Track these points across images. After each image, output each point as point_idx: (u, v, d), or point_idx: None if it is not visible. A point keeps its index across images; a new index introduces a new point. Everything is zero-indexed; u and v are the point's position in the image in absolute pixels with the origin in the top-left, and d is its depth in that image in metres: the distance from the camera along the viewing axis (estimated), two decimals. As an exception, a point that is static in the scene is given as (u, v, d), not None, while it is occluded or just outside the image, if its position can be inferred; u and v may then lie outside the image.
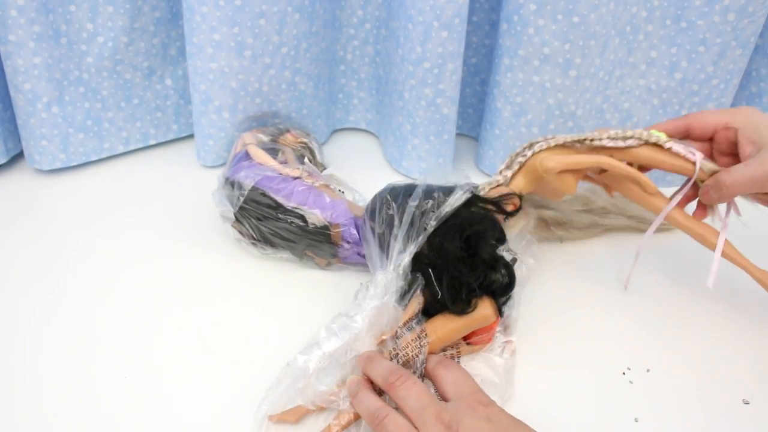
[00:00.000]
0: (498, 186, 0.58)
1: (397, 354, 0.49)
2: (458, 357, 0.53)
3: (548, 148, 0.57)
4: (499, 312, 0.54)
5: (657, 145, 0.56)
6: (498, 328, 0.55)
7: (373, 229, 0.56)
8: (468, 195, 0.55)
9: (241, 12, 0.67)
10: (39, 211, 0.72)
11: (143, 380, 0.52)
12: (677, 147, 0.56)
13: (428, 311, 0.53)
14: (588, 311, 0.60)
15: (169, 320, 0.58)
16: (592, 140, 0.57)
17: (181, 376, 0.53)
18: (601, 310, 0.61)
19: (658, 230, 0.71)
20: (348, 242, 0.61)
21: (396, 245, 0.53)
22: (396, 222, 0.54)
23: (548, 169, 0.56)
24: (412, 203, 0.54)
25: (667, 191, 0.60)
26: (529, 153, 0.58)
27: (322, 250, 0.62)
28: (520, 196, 0.58)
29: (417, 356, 0.49)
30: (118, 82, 0.77)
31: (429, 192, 0.55)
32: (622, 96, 0.74)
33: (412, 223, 0.53)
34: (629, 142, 0.56)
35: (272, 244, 0.63)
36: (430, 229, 0.53)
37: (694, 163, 0.56)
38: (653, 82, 0.73)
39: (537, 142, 0.58)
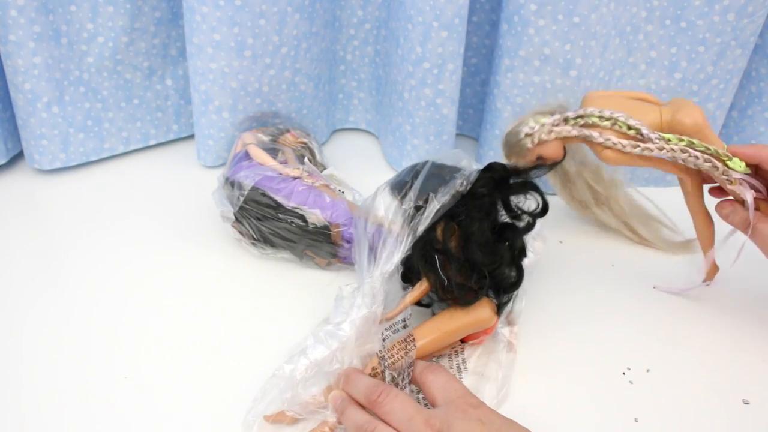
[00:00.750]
0: (547, 139, 0.56)
1: (383, 356, 0.49)
2: (462, 352, 0.53)
3: (614, 150, 0.55)
4: (498, 311, 0.54)
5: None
6: (500, 323, 0.55)
7: (366, 228, 0.55)
8: (457, 189, 0.52)
9: (241, 12, 0.67)
10: (39, 211, 0.72)
11: (142, 380, 0.52)
12: (738, 188, 0.54)
13: (430, 303, 0.53)
14: (588, 311, 0.60)
15: (169, 320, 0.58)
16: (666, 153, 0.55)
17: (182, 376, 0.53)
18: (601, 309, 0.61)
19: (647, 245, 0.70)
20: (348, 242, 0.61)
21: (384, 250, 0.52)
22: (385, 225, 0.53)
23: (606, 162, 0.56)
24: (405, 207, 0.53)
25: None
26: (597, 137, 0.55)
27: (322, 250, 0.62)
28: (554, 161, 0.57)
29: (402, 358, 0.49)
30: (118, 82, 0.77)
31: (424, 189, 0.53)
32: (622, 96, 0.74)
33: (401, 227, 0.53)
34: (705, 167, 0.54)
35: (272, 244, 0.63)
36: (419, 234, 0.52)
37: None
38: (653, 82, 0.73)
39: (605, 120, 0.55)
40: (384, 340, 0.50)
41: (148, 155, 0.82)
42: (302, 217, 0.61)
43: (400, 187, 0.55)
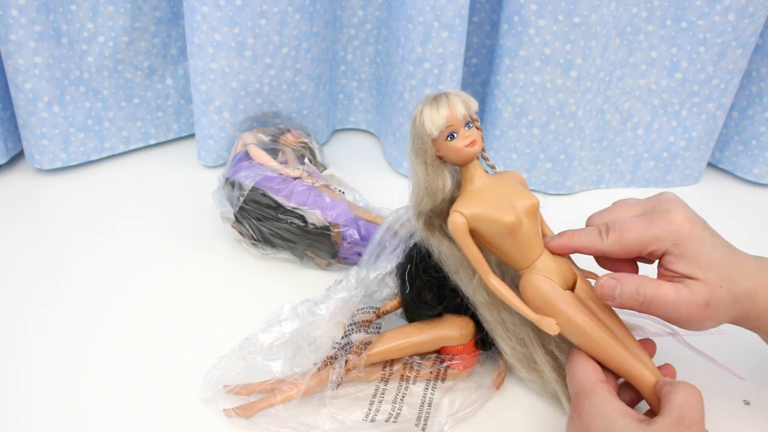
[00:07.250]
0: None
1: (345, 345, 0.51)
2: (443, 379, 0.53)
3: None
4: (481, 343, 0.52)
5: None
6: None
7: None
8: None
9: (241, 12, 0.67)
10: (39, 211, 0.72)
11: (142, 380, 0.52)
12: None
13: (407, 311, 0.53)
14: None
15: (168, 320, 0.58)
16: None
17: (181, 376, 0.53)
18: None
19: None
20: (348, 242, 0.61)
21: (384, 254, 0.53)
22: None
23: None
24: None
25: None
26: None
27: (322, 251, 0.62)
28: None
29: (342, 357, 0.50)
30: (118, 81, 0.77)
31: None
32: (623, 96, 0.74)
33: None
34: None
35: (272, 245, 0.63)
36: (408, 247, 0.52)
37: None
38: (654, 82, 0.73)
39: None
40: (346, 335, 0.51)
41: (149, 155, 0.82)
42: (302, 218, 0.61)
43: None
